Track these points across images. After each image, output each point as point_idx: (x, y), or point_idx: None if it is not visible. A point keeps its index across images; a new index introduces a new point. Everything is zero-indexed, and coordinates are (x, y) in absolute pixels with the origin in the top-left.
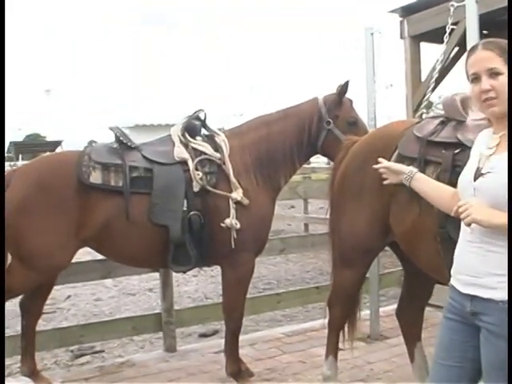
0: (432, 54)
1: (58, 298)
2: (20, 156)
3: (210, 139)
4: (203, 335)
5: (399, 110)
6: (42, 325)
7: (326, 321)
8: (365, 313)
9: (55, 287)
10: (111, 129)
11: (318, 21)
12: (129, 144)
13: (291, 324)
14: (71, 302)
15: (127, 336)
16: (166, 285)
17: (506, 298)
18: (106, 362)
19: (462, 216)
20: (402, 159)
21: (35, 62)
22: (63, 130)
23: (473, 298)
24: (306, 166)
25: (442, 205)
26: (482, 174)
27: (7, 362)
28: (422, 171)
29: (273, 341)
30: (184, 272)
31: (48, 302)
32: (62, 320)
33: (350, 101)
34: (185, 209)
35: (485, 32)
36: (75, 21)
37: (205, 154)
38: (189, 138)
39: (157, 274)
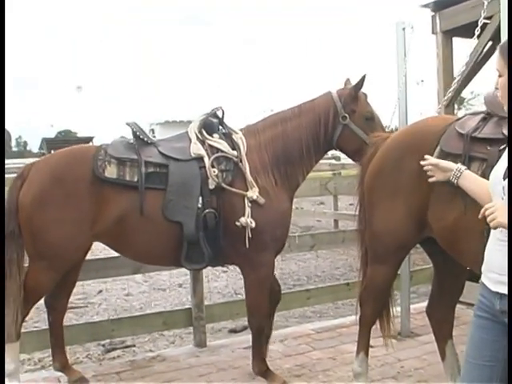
0: (465, 49)
1: (89, 292)
2: (52, 152)
3: (227, 137)
4: (233, 331)
5: (431, 106)
6: (73, 319)
7: (357, 317)
8: (395, 310)
9: (87, 282)
10: (128, 124)
11: (352, 17)
12: (145, 139)
13: (321, 320)
14: (102, 297)
15: (158, 331)
16: (197, 280)
17: None
18: (136, 356)
19: (488, 220)
20: (444, 156)
21: (67, 60)
22: (94, 126)
23: (502, 296)
24: (335, 162)
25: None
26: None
27: (40, 355)
28: (467, 168)
29: (303, 337)
30: (197, 270)
31: (80, 296)
32: (93, 314)
33: (365, 95)
34: (200, 206)
35: None
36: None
37: (221, 151)
38: (206, 134)
39: (187, 270)
